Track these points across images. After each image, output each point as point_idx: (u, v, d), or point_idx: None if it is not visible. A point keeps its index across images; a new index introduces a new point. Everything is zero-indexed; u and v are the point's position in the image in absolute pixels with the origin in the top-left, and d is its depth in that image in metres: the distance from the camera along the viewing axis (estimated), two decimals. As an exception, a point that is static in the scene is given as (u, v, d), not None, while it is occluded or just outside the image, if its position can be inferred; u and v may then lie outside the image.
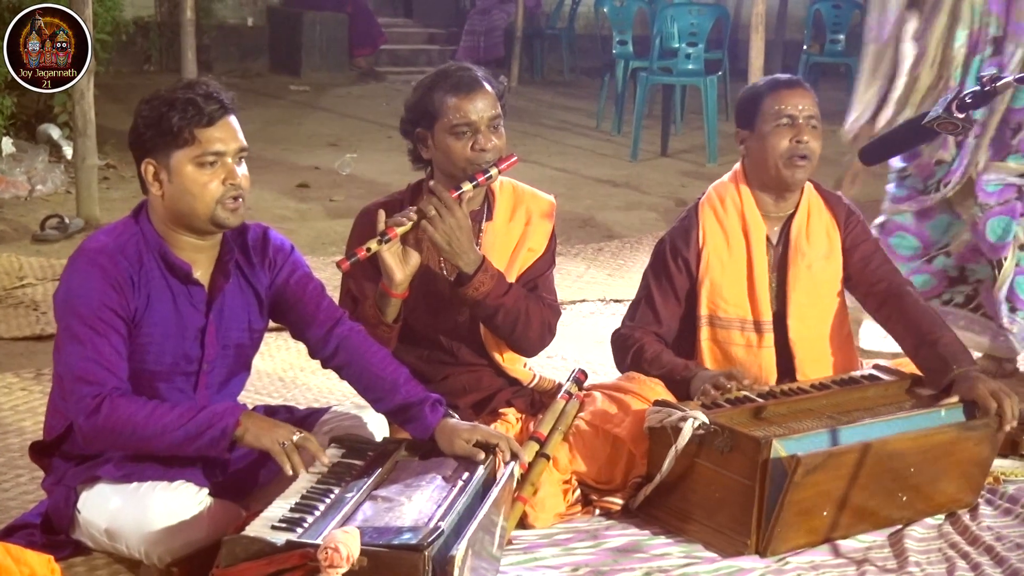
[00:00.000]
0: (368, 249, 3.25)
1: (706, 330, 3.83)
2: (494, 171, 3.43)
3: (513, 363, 3.72)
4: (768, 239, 3.84)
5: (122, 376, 2.93)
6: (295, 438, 2.88)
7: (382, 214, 3.31)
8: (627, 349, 3.78)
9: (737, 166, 3.90)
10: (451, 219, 3.32)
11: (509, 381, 3.72)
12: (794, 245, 3.83)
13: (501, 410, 3.65)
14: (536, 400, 3.73)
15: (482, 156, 3.42)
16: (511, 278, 3.57)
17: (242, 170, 3.00)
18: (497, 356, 3.67)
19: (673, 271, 3.83)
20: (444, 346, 3.65)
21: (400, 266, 3.33)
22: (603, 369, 4.65)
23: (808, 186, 3.87)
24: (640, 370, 3.72)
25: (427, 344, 3.65)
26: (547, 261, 3.71)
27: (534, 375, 3.78)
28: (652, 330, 3.81)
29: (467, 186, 3.38)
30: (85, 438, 2.93)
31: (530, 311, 3.54)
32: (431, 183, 3.40)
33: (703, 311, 3.82)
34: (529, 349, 3.66)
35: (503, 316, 3.50)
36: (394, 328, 3.43)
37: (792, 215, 3.86)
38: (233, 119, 3.00)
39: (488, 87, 3.47)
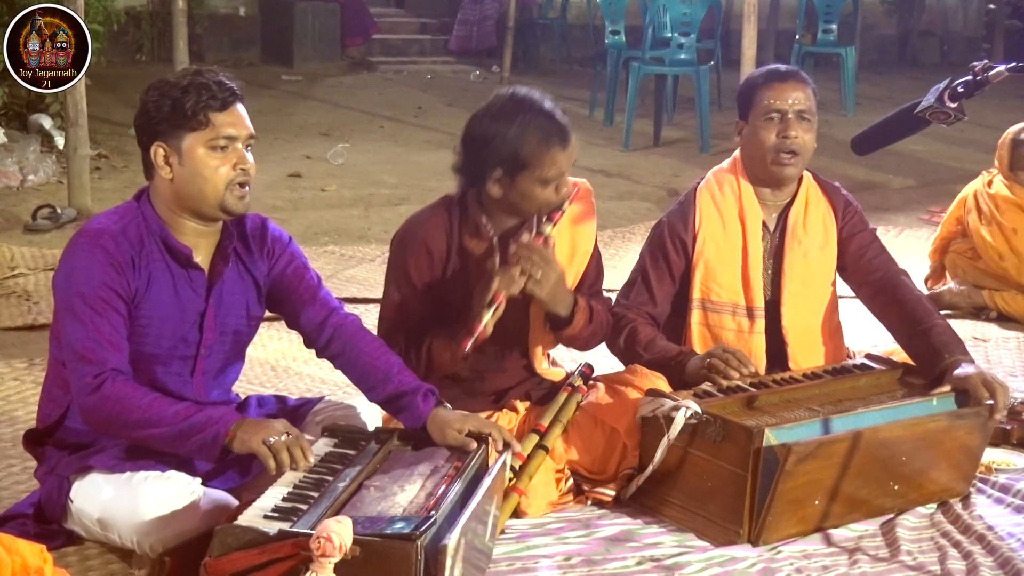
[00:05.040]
0: (486, 326, 3.26)
1: (698, 314, 3.83)
2: (566, 205, 3.47)
3: (552, 370, 3.74)
4: (765, 226, 3.84)
5: (122, 356, 2.94)
6: (283, 438, 2.85)
7: (496, 281, 3.28)
8: (620, 330, 3.77)
9: (736, 154, 3.90)
10: (553, 275, 3.35)
11: (537, 379, 3.70)
12: (791, 233, 3.83)
13: (515, 401, 3.62)
14: (550, 394, 3.67)
15: (563, 199, 3.43)
16: (570, 284, 3.54)
17: (250, 157, 3.02)
18: (538, 363, 3.67)
19: (670, 251, 3.83)
20: (494, 352, 3.58)
21: (493, 319, 3.31)
22: (606, 360, 4.64)
23: (807, 175, 3.87)
24: (632, 352, 3.73)
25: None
26: (596, 268, 3.69)
27: (565, 373, 3.77)
28: (646, 310, 3.81)
29: (548, 228, 3.42)
30: (85, 416, 2.94)
31: (604, 324, 3.63)
32: (522, 238, 3.38)
33: (696, 294, 3.82)
34: (588, 350, 3.78)
35: (585, 342, 3.61)
36: (467, 361, 3.43)
37: (790, 203, 3.85)
38: (242, 107, 3.03)
39: (571, 134, 3.41)
